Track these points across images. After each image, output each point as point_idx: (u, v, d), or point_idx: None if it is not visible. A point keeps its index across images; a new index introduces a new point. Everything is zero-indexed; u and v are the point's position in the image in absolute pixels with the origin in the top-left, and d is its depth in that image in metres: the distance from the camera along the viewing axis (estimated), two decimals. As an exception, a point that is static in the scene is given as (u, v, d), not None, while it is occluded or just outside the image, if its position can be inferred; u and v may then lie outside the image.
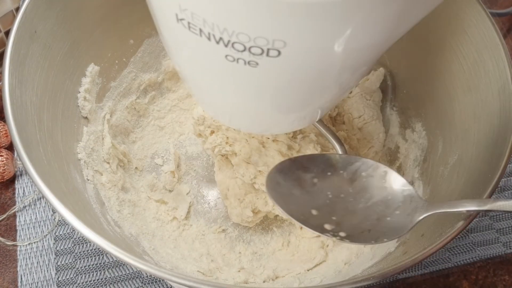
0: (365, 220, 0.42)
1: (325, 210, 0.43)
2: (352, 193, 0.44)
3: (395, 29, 0.31)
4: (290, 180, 0.45)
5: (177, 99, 0.67)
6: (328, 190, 0.44)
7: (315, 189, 0.44)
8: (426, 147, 0.56)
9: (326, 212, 0.42)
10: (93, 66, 0.55)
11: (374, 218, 0.42)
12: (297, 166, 0.46)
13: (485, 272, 0.59)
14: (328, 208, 0.43)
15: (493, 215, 0.61)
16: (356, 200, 0.43)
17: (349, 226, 0.41)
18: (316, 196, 0.44)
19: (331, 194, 0.44)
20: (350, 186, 0.44)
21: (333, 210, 0.43)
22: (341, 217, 0.42)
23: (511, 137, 0.43)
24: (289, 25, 0.27)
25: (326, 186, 0.44)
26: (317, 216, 0.42)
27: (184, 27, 0.30)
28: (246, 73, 0.33)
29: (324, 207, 0.43)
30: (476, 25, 0.48)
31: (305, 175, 0.45)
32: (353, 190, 0.44)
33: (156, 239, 0.57)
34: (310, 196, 0.44)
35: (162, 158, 0.65)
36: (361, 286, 0.37)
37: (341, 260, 0.54)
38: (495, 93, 0.46)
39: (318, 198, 0.44)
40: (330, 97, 0.42)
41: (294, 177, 0.45)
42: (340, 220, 0.42)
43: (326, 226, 0.41)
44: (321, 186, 0.44)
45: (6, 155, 0.60)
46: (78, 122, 0.53)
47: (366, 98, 0.62)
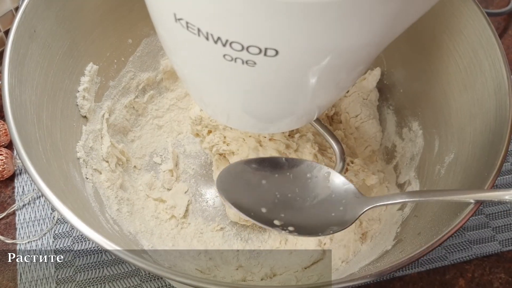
0: (312, 216, 0.45)
1: (274, 208, 0.46)
2: (299, 193, 0.47)
3: (392, 29, 0.32)
4: (240, 180, 0.48)
5: (176, 98, 0.68)
6: (276, 190, 0.47)
7: (263, 189, 0.47)
8: (423, 146, 0.56)
9: (275, 210, 0.45)
10: (92, 65, 0.55)
11: (320, 214, 0.45)
12: (246, 168, 0.49)
13: (481, 270, 0.59)
14: (277, 207, 0.46)
15: (489, 213, 0.62)
16: (302, 199, 0.46)
17: (297, 222, 0.44)
18: (265, 196, 0.47)
19: (278, 194, 0.47)
20: (297, 186, 0.47)
21: (281, 208, 0.46)
22: (289, 215, 0.45)
23: (507, 135, 0.43)
24: (284, 27, 0.27)
25: (274, 186, 0.47)
26: (266, 213, 0.45)
27: (182, 27, 0.31)
28: (244, 73, 0.33)
29: (273, 205, 0.46)
30: (472, 25, 0.48)
31: (254, 176, 0.48)
32: (299, 190, 0.47)
33: (154, 237, 0.57)
34: (259, 195, 0.47)
35: (161, 157, 0.65)
36: (358, 284, 0.37)
37: (338, 258, 0.54)
38: (491, 92, 0.47)
39: (266, 197, 0.46)
40: (327, 96, 0.42)
41: (243, 178, 0.48)
42: (288, 217, 0.45)
43: (276, 222, 0.44)
44: (269, 186, 0.47)
45: (6, 154, 0.60)
46: (77, 121, 0.54)
47: (363, 97, 0.62)
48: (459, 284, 0.58)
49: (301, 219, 0.45)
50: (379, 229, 0.54)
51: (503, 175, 0.65)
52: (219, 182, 0.47)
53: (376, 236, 0.54)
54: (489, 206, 0.63)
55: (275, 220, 0.44)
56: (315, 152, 0.55)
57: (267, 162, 0.49)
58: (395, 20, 0.30)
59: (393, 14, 0.29)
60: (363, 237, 0.55)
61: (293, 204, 0.46)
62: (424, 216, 0.48)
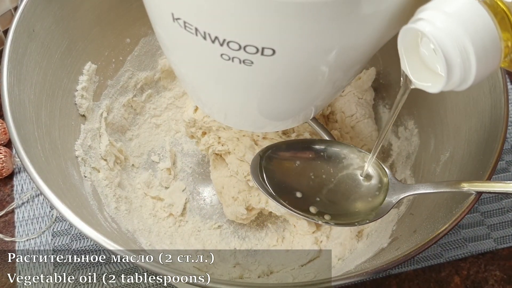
0: (348, 200, 0.44)
1: (309, 191, 0.44)
2: (333, 174, 0.45)
3: (387, 29, 0.32)
4: (272, 165, 0.46)
5: (173, 97, 0.68)
6: (310, 171, 0.45)
7: (297, 171, 0.46)
8: (419, 144, 0.56)
9: (310, 193, 0.44)
10: (90, 64, 0.55)
11: (357, 199, 0.44)
12: (279, 151, 0.47)
13: (476, 267, 0.59)
14: (312, 189, 0.44)
15: (484, 211, 0.62)
16: (338, 180, 0.45)
17: (332, 208, 0.43)
18: (299, 178, 0.45)
19: (313, 175, 0.45)
20: (331, 167, 0.46)
21: (316, 191, 0.44)
22: (324, 198, 0.44)
23: (501, 134, 0.43)
24: (281, 27, 0.28)
25: (308, 167, 0.46)
26: (301, 199, 0.44)
27: (180, 27, 0.31)
28: (241, 72, 0.34)
29: (308, 188, 0.44)
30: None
31: (287, 158, 0.46)
32: (334, 171, 0.45)
33: (152, 235, 0.57)
34: (293, 178, 0.45)
35: (159, 156, 0.65)
36: (354, 281, 0.38)
37: (334, 256, 0.54)
38: (486, 91, 0.47)
39: (301, 179, 0.45)
40: (324, 95, 0.43)
41: (276, 162, 0.47)
42: (324, 201, 0.43)
43: (311, 209, 0.43)
44: (303, 167, 0.46)
45: (5, 152, 0.61)
46: (76, 119, 0.54)
47: (358, 97, 0.62)
48: (455, 281, 0.58)
49: (337, 203, 0.44)
50: (375, 227, 0.55)
51: (498, 173, 0.66)
52: (252, 169, 0.46)
53: (372, 234, 0.54)
54: (484, 204, 0.63)
55: (311, 207, 0.43)
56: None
57: (300, 144, 0.48)
58: (390, 20, 0.30)
59: (388, 14, 0.29)
60: (359, 234, 0.56)
61: (328, 186, 0.45)
62: (419, 214, 0.48)
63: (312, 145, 0.47)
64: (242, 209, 0.56)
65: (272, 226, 0.60)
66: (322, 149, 0.47)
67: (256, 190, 0.56)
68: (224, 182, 0.57)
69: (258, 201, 0.56)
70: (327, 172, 0.45)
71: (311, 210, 0.43)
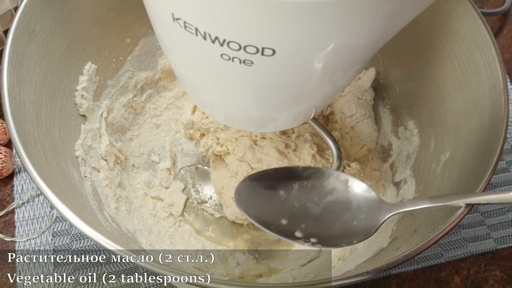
0: (333, 226, 0.43)
1: (294, 219, 0.44)
2: (317, 202, 0.45)
3: (387, 28, 0.32)
4: (257, 193, 0.47)
5: (173, 97, 0.68)
6: (294, 200, 0.46)
7: (282, 200, 0.46)
8: (419, 144, 0.56)
9: (295, 221, 0.44)
10: (91, 64, 0.55)
11: (342, 223, 0.43)
12: (262, 180, 0.48)
13: (476, 267, 0.59)
14: (297, 217, 0.44)
15: (485, 211, 0.62)
16: (322, 208, 0.45)
17: (318, 233, 0.43)
18: (284, 207, 0.45)
19: (297, 204, 0.45)
20: (315, 195, 0.46)
21: (301, 219, 0.44)
22: (310, 225, 0.44)
23: (502, 134, 0.43)
24: (281, 27, 0.28)
25: (292, 197, 0.46)
26: (287, 225, 0.44)
27: (180, 27, 0.31)
28: (241, 72, 0.34)
29: (293, 216, 0.44)
30: (467, 25, 0.48)
31: (271, 188, 0.47)
32: (318, 199, 0.45)
33: (152, 235, 0.57)
34: (277, 207, 0.45)
35: (159, 156, 0.65)
36: (355, 281, 0.37)
37: (334, 256, 0.54)
38: (486, 91, 0.47)
39: (285, 208, 0.45)
40: (324, 95, 0.43)
41: (260, 191, 0.47)
42: (309, 228, 0.43)
43: (297, 234, 0.43)
44: (287, 197, 0.46)
45: (5, 152, 0.61)
46: (76, 120, 0.54)
47: (357, 97, 0.62)
48: (455, 281, 0.59)
49: (322, 229, 0.43)
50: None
51: (498, 174, 0.66)
52: (237, 196, 0.46)
53: (372, 234, 0.54)
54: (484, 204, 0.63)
55: (296, 232, 0.43)
56: (313, 153, 0.55)
57: (283, 172, 0.48)
58: (390, 20, 0.30)
59: (388, 14, 0.29)
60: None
61: (313, 214, 0.45)
62: (419, 214, 0.48)
63: (295, 174, 0.47)
64: (241, 210, 0.56)
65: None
66: (306, 177, 0.47)
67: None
68: (224, 183, 0.57)
69: (257, 202, 0.56)
70: (311, 200, 0.45)
71: (296, 235, 0.43)
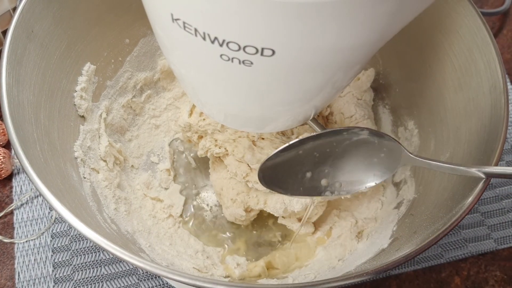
0: (354, 163, 0.46)
1: (316, 166, 0.47)
2: (336, 146, 0.47)
3: (387, 28, 0.32)
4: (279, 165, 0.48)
5: (173, 98, 0.68)
6: (314, 151, 0.47)
7: (302, 157, 0.47)
8: (419, 144, 0.56)
9: (318, 168, 0.46)
10: (90, 65, 0.55)
11: (362, 160, 0.46)
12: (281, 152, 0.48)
13: (476, 268, 0.59)
14: (319, 164, 0.47)
15: (485, 212, 0.62)
16: (341, 149, 0.47)
17: (341, 175, 0.45)
18: (306, 161, 0.47)
19: (317, 153, 0.47)
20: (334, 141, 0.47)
21: (323, 164, 0.46)
22: (332, 167, 0.46)
23: (502, 134, 0.43)
24: (280, 27, 0.28)
25: (310, 150, 0.47)
26: (312, 177, 0.46)
27: (179, 27, 0.31)
28: (241, 72, 0.33)
29: (315, 165, 0.47)
30: (467, 25, 0.48)
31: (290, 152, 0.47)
32: (337, 143, 0.47)
33: (152, 236, 0.57)
34: (299, 163, 0.47)
35: (158, 156, 0.65)
36: (355, 282, 0.37)
37: (334, 257, 0.54)
38: (486, 92, 0.47)
39: (307, 160, 0.47)
40: (324, 96, 0.43)
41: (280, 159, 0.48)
42: (332, 170, 0.46)
43: (323, 182, 0.45)
44: (306, 152, 0.47)
45: (4, 153, 0.61)
46: (75, 120, 0.54)
47: (357, 97, 0.62)
48: (455, 282, 0.58)
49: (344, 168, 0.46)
50: (375, 227, 0.55)
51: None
52: (261, 175, 0.47)
53: (372, 234, 0.54)
54: (484, 204, 0.63)
55: (322, 180, 0.45)
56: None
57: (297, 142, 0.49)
58: (391, 19, 0.30)
59: (388, 14, 0.29)
60: (359, 235, 0.56)
61: (334, 155, 0.46)
62: (420, 214, 0.48)
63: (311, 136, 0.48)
64: (241, 211, 0.56)
65: (273, 227, 0.60)
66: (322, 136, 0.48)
67: (254, 191, 0.56)
68: (223, 184, 0.57)
69: (257, 202, 0.56)
70: (330, 146, 0.47)
71: (322, 183, 0.45)
